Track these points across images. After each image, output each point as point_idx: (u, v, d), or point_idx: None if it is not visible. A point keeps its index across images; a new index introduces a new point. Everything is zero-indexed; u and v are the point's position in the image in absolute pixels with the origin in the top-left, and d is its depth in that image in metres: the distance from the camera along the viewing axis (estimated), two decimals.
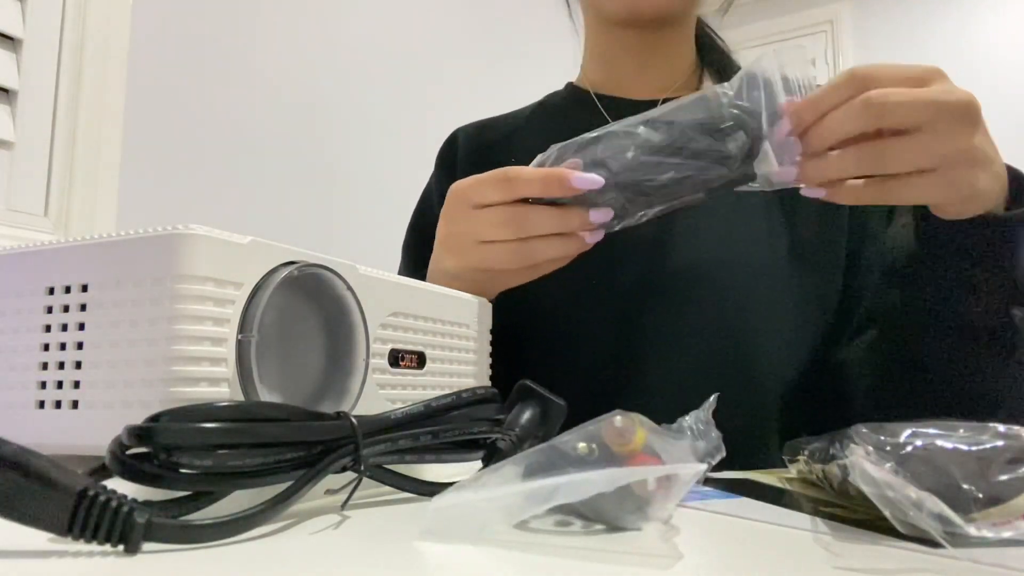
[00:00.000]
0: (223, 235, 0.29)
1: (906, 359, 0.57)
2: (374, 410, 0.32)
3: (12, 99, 1.02)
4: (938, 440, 0.28)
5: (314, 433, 0.28)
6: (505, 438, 0.35)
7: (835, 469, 0.32)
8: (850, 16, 3.30)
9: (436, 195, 0.78)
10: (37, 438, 0.29)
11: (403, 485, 0.33)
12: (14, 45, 1.03)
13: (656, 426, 0.31)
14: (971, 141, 0.42)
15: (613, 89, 0.76)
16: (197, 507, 0.25)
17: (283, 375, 0.31)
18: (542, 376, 0.40)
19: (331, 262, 0.34)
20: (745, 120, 0.44)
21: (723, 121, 0.44)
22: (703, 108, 0.45)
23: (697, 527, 0.31)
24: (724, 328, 0.63)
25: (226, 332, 0.29)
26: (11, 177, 1.01)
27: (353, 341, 0.34)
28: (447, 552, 0.25)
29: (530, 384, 0.38)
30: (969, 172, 0.43)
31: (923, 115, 0.41)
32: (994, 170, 0.45)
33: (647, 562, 0.24)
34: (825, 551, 0.27)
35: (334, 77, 1.57)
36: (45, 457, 0.22)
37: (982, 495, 0.27)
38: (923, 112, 0.41)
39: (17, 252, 0.32)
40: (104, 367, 0.29)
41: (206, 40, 1.32)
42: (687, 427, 0.38)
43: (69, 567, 0.21)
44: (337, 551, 0.25)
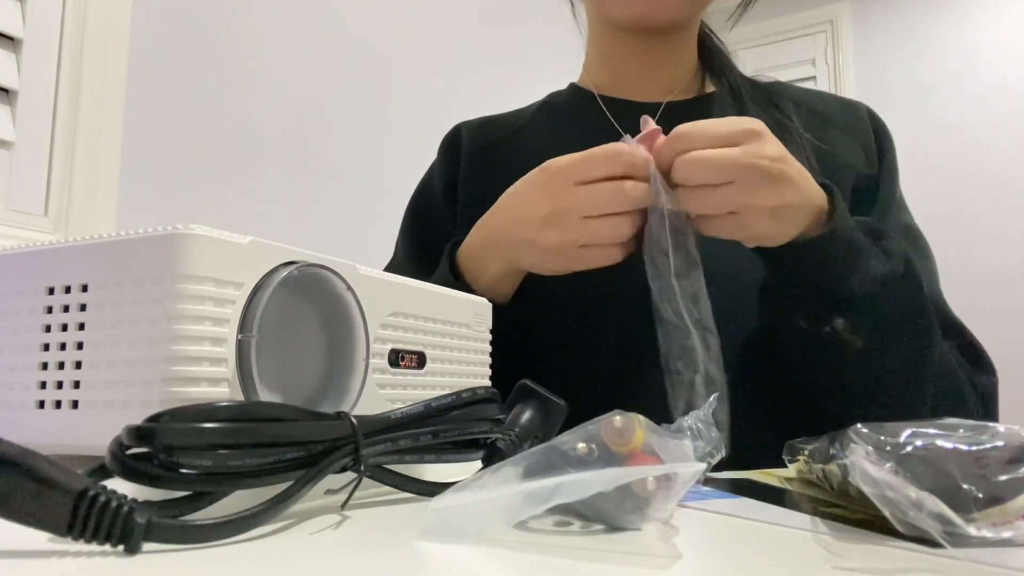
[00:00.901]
0: (223, 235, 0.29)
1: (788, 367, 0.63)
2: (374, 410, 0.32)
3: (12, 99, 1.02)
4: (938, 440, 0.28)
5: (314, 433, 0.28)
6: (505, 438, 0.35)
7: (835, 469, 0.32)
8: (850, 16, 3.30)
9: (439, 181, 0.78)
10: (37, 438, 0.29)
11: (403, 485, 0.33)
12: (14, 45, 1.03)
13: (655, 426, 0.31)
14: (769, 200, 0.50)
15: (616, 90, 0.76)
16: (197, 507, 0.25)
17: (283, 375, 0.31)
18: (541, 376, 0.40)
19: (331, 262, 0.34)
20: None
21: None
22: None
23: (697, 527, 0.31)
24: (726, 335, 0.63)
25: (226, 332, 0.29)
26: (11, 177, 1.01)
27: (353, 341, 0.34)
28: (447, 552, 0.25)
29: (530, 384, 0.38)
30: (764, 222, 0.51)
31: (726, 175, 0.49)
32: (797, 219, 0.52)
33: (647, 562, 0.24)
34: (825, 551, 0.27)
35: (335, 77, 1.57)
36: (45, 457, 0.22)
37: (982, 495, 0.27)
38: (725, 172, 0.49)
39: (17, 252, 0.32)
40: (104, 367, 0.29)
41: (206, 40, 1.32)
42: (687, 427, 0.38)
43: (69, 567, 0.21)
44: (337, 551, 0.25)
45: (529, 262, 0.56)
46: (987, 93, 2.98)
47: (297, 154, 1.47)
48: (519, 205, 0.56)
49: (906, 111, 2.98)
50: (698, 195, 0.51)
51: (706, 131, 0.50)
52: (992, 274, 2.77)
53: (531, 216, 0.54)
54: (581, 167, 0.52)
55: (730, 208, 0.51)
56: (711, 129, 0.50)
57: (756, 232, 0.52)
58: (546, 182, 0.54)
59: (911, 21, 3.17)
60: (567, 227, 0.53)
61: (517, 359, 0.59)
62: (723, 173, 0.49)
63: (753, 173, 0.49)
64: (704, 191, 0.50)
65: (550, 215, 0.53)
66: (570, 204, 0.52)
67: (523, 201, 0.56)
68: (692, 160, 0.49)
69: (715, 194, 0.50)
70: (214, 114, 1.32)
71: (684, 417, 0.39)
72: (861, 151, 0.70)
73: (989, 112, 2.96)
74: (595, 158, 0.52)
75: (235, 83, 1.36)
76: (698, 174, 0.50)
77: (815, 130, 0.70)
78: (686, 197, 0.51)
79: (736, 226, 0.51)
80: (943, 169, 2.93)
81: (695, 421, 0.39)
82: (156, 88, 1.22)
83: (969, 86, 3.02)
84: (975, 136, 2.96)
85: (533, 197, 0.55)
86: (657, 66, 0.75)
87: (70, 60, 1.08)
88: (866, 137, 0.71)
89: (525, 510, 0.26)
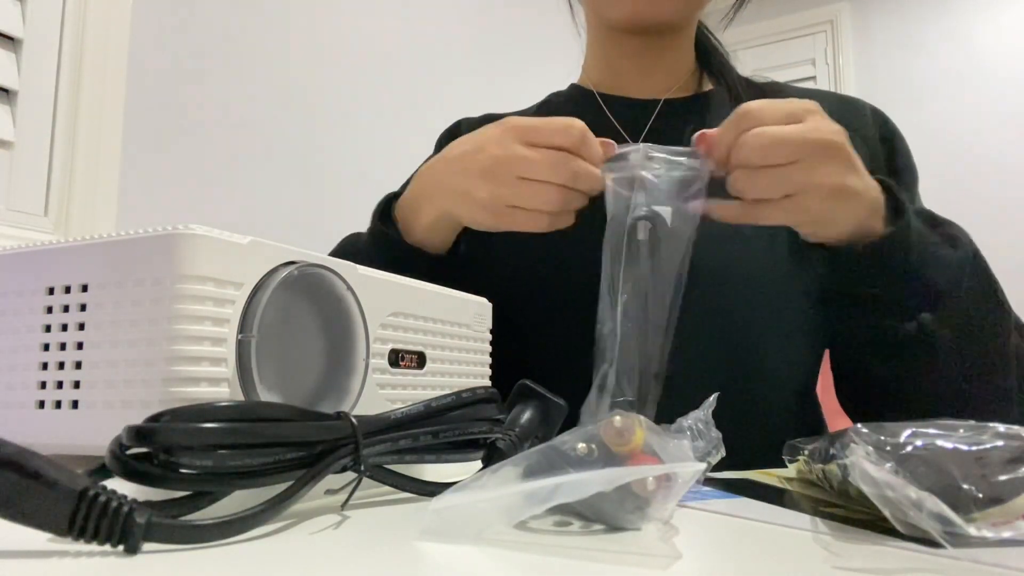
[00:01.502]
0: (223, 235, 0.29)
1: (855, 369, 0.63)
2: (374, 410, 0.32)
3: (12, 99, 1.02)
4: (938, 440, 0.28)
5: (314, 433, 0.28)
6: (505, 438, 0.35)
7: (835, 469, 0.32)
8: (850, 16, 3.30)
9: None
10: (37, 438, 0.29)
11: (403, 485, 0.33)
12: (14, 45, 1.03)
13: (655, 426, 0.31)
14: (831, 178, 0.49)
15: (615, 89, 0.76)
16: (197, 507, 0.25)
17: (283, 375, 0.31)
18: (544, 375, 0.40)
19: (331, 262, 0.34)
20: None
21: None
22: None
23: (697, 527, 0.31)
24: (726, 326, 0.63)
25: (226, 332, 0.29)
26: (11, 177, 1.01)
27: (353, 341, 0.34)
28: (447, 552, 0.25)
29: (530, 384, 0.38)
30: (822, 203, 0.50)
31: (791, 153, 0.48)
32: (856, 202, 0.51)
33: (647, 562, 0.24)
34: (825, 551, 0.27)
35: (336, 77, 1.57)
36: (45, 457, 0.22)
37: (982, 495, 0.27)
38: (791, 150, 0.48)
39: (17, 252, 0.32)
40: (104, 367, 0.29)
41: (206, 40, 1.32)
42: (686, 427, 0.38)
43: (69, 567, 0.21)
44: (337, 551, 0.25)
45: (460, 212, 0.56)
46: (987, 93, 2.98)
47: (297, 154, 1.47)
48: (465, 153, 0.56)
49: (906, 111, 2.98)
50: (760, 177, 0.49)
51: (774, 108, 0.49)
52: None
53: (471, 167, 0.54)
54: (534, 129, 0.52)
55: (791, 189, 0.49)
56: (778, 106, 0.50)
57: (815, 214, 0.50)
58: (498, 136, 0.54)
59: (911, 21, 3.17)
60: (501, 182, 0.52)
61: None
62: (793, 150, 0.48)
63: (819, 149, 0.48)
64: (767, 172, 0.49)
65: (489, 167, 0.53)
66: (511, 161, 0.52)
67: (470, 150, 0.55)
68: (763, 136, 0.48)
69: (778, 174, 0.49)
70: (214, 114, 1.32)
71: (684, 417, 0.39)
72: (863, 146, 0.70)
73: (989, 112, 2.96)
74: (550, 125, 0.52)
75: (235, 83, 1.36)
76: (769, 152, 0.48)
77: None
78: (746, 180, 0.49)
79: (793, 208, 0.50)
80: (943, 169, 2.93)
81: (695, 421, 0.39)
82: (156, 88, 1.22)
83: (969, 86, 3.02)
84: (975, 136, 2.96)
85: (482, 146, 0.54)
86: (654, 65, 0.75)
87: (70, 60, 1.08)
88: (868, 133, 0.71)
89: (525, 510, 0.26)
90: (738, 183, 0.50)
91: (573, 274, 0.67)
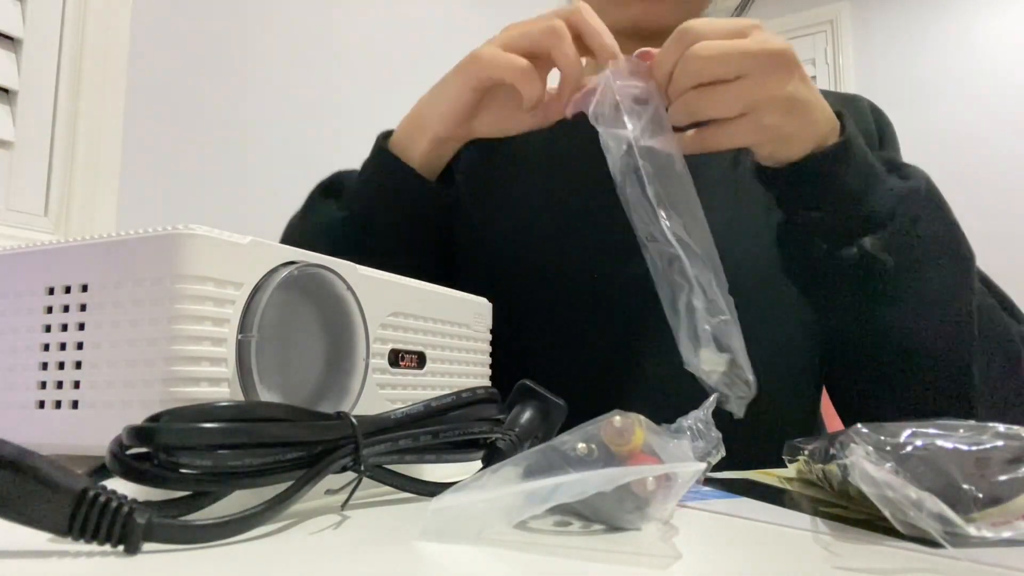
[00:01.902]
0: (223, 235, 0.29)
1: (824, 322, 0.61)
2: (374, 410, 0.32)
3: (12, 99, 1.02)
4: (938, 440, 0.28)
5: (314, 433, 0.28)
6: (505, 438, 0.35)
7: (835, 469, 0.32)
8: (850, 16, 3.30)
9: None
10: (37, 438, 0.29)
11: (403, 485, 0.33)
12: (14, 45, 1.03)
13: (655, 426, 0.31)
14: (784, 88, 0.47)
15: None
16: (197, 507, 0.25)
17: (283, 375, 0.31)
18: (540, 373, 0.40)
19: (331, 262, 0.34)
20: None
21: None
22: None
23: (697, 527, 0.31)
24: None
25: (226, 332, 0.29)
26: (11, 177, 1.01)
27: (353, 341, 0.34)
28: (447, 552, 0.25)
29: (530, 384, 0.38)
30: (779, 117, 0.48)
31: (738, 65, 0.46)
32: (812, 116, 0.50)
33: (647, 562, 0.24)
34: (825, 551, 0.27)
35: (336, 78, 1.57)
36: (45, 457, 0.22)
37: (982, 495, 0.27)
38: (738, 62, 0.46)
39: (17, 252, 0.32)
40: (104, 367, 0.29)
41: (206, 40, 1.32)
42: (686, 427, 0.38)
43: (69, 567, 0.21)
44: (337, 551, 0.25)
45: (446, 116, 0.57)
46: (987, 93, 2.98)
47: (297, 154, 1.47)
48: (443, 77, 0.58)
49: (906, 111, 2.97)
50: (709, 95, 0.47)
51: (717, 24, 0.48)
52: (992, 274, 2.76)
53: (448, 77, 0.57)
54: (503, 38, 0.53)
55: (745, 104, 0.47)
56: (720, 23, 0.48)
57: (774, 131, 0.49)
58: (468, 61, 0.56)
59: (911, 21, 3.17)
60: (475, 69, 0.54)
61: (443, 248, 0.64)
62: (742, 62, 0.46)
63: (770, 60, 0.47)
64: (715, 89, 0.47)
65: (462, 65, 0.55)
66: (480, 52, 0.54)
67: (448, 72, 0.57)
68: (704, 50, 0.46)
69: (727, 90, 0.47)
70: (214, 114, 1.32)
71: (684, 417, 0.39)
72: None
73: (989, 112, 2.96)
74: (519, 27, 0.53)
75: (235, 83, 1.36)
76: (711, 66, 0.46)
77: None
78: (696, 101, 0.48)
79: (751, 127, 0.48)
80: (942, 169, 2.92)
81: (695, 421, 0.39)
82: (156, 88, 1.22)
83: (969, 86, 3.02)
84: (975, 136, 2.96)
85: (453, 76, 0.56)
86: None
87: (70, 60, 1.08)
88: (867, 127, 0.71)
89: (525, 510, 0.26)
90: (689, 105, 0.48)
91: (566, 274, 0.67)
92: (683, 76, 0.47)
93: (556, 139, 0.73)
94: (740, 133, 0.49)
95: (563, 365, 0.65)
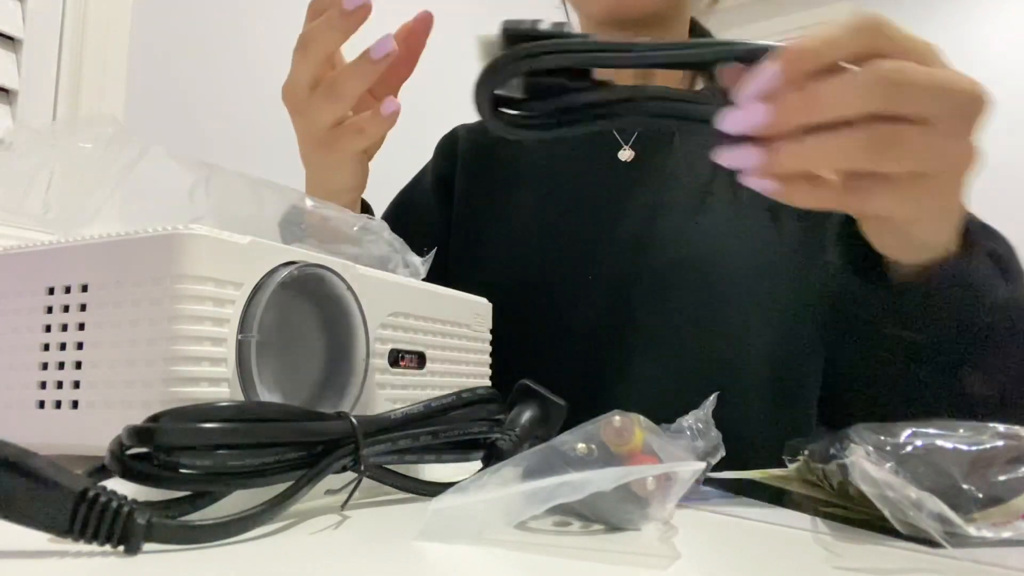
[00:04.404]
0: (223, 235, 0.29)
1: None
2: (374, 410, 0.32)
3: (12, 99, 1.02)
4: (938, 440, 0.28)
5: (314, 433, 0.28)
6: (505, 438, 0.35)
7: (835, 469, 0.32)
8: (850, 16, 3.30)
9: (431, 176, 0.79)
10: (37, 438, 0.29)
11: (403, 485, 0.33)
12: (14, 45, 1.03)
13: (655, 426, 0.31)
14: (970, 146, 0.34)
15: None
16: (197, 507, 0.25)
17: (283, 375, 0.31)
18: (535, 371, 0.40)
19: (331, 262, 0.34)
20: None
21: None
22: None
23: (697, 527, 0.31)
24: (712, 322, 0.63)
25: (226, 332, 0.29)
26: None
27: (353, 341, 0.34)
28: (447, 552, 0.25)
29: (530, 384, 0.38)
30: (951, 183, 0.36)
31: (936, 105, 0.32)
32: (961, 194, 0.38)
33: (646, 562, 0.25)
34: (825, 551, 0.27)
35: None
36: (45, 457, 0.22)
37: (982, 495, 0.27)
38: (937, 102, 0.32)
39: (17, 252, 0.32)
40: (104, 367, 0.29)
41: (206, 40, 1.32)
42: (686, 427, 0.38)
43: (69, 567, 0.21)
44: (337, 551, 0.25)
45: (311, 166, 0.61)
46: None
47: (297, 156, 1.46)
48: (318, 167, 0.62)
49: None
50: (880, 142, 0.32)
51: (902, 38, 0.33)
52: None
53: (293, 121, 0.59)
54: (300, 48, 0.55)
55: (925, 163, 0.33)
56: (904, 36, 0.33)
57: (935, 206, 0.36)
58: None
59: (911, 21, 3.15)
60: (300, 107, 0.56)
61: None
62: (941, 100, 0.32)
63: (967, 106, 0.32)
64: (905, 134, 0.32)
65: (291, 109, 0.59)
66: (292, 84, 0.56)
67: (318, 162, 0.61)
68: (905, 75, 0.31)
69: (921, 135, 0.32)
70: (214, 115, 1.32)
71: (684, 417, 0.39)
72: None
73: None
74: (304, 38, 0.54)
75: (235, 83, 1.36)
76: (913, 98, 0.31)
77: None
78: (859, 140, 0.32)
79: (915, 194, 0.34)
80: None
81: (695, 421, 0.39)
82: (156, 88, 1.22)
83: None
84: None
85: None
86: None
87: (70, 60, 1.08)
88: None
89: (525, 510, 0.26)
90: (841, 149, 0.32)
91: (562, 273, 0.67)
92: (863, 99, 0.31)
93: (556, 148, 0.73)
94: (912, 199, 0.35)
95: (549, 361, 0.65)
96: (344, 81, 0.54)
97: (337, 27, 0.53)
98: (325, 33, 0.53)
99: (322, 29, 0.53)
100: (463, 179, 0.77)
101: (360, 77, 0.54)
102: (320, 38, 0.53)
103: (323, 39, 0.53)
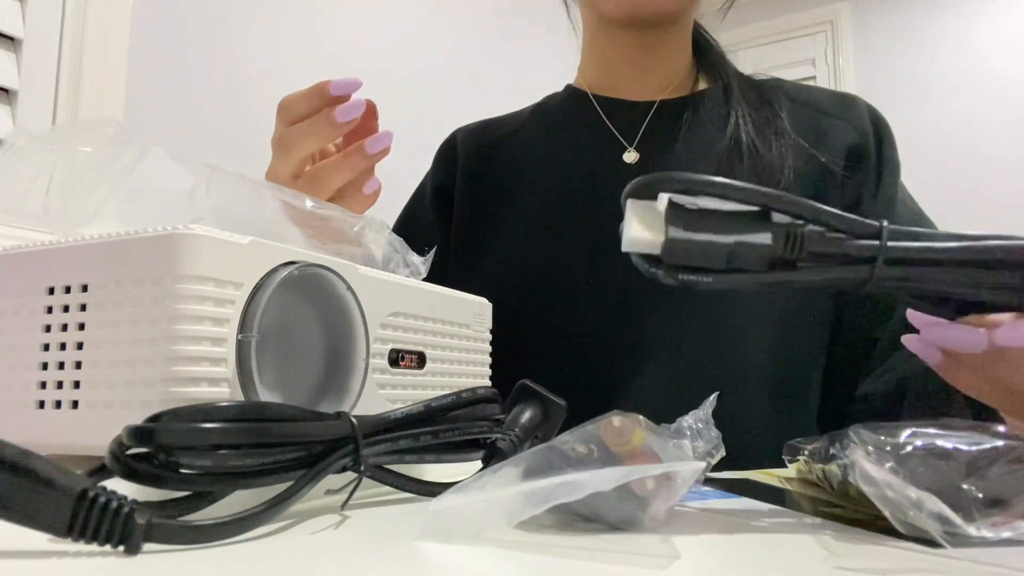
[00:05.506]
0: (223, 235, 0.29)
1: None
2: (374, 410, 0.32)
3: (12, 99, 1.02)
4: (938, 440, 0.28)
5: (314, 433, 0.28)
6: (505, 438, 0.35)
7: (835, 469, 0.32)
8: (850, 16, 3.30)
9: (429, 187, 0.79)
10: (37, 438, 0.29)
11: (403, 485, 0.33)
12: (14, 45, 1.03)
13: (655, 426, 0.31)
14: None
15: (610, 90, 0.76)
16: (197, 507, 0.25)
17: (283, 375, 0.31)
18: (537, 374, 0.40)
19: (331, 262, 0.34)
20: None
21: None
22: None
23: (697, 527, 0.31)
24: (714, 326, 0.63)
25: (226, 332, 0.29)
26: None
27: (353, 341, 0.34)
28: (447, 552, 0.25)
29: (530, 384, 0.38)
30: None
31: None
32: None
33: (647, 562, 0.24)
34: (825, 551, 0.27)
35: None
36: (45, 457, 0.22)
37: (982, 495, 0.27)
38: None
39: (17, 252, 0.32)
40: (104, 367, 0.29)
41: (206, 40, 1.32)
42: (686, 427, 0.38)
43: (69, 567, 0.21)
44: (337, 551, 0.25)
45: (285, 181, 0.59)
46: (987, 93, 2.98)
47: None
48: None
49: (906, 111, 2.98)
50: None
51: None
52: None
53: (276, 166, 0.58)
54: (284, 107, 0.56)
55: None
56: None
57: None
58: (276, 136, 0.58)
59: (911, 21, 3.17)
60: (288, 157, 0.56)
61: None
62: None
63: None
64: None
65: (275, 149, 0.58)
66: (280, 140, 0.57)
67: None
68: None
69: None
70: (214, 115, 1.32)
71: (684, 417, 0.39)
72: (856, 135, 0.70)
73: (989, 112, 2.96)
74: (292, 98, 0.55)
75: (235, 83, 1.36)
76: None
77: (807, 120, 0.70)
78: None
79: None
80: (942, 169, 2.93)
81: (695, 421, 0.39)
82: (156, 88, 1.22)
83: (969, 86, 3.02)
84: (975, 136, 2.96)
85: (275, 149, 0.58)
86: (650, 64, 0.74)
87: (70, 60, 1.08)
88: (862, 124, 0.71)
89: (525, 511, 0.26)
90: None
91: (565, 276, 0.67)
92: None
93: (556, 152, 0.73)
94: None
95: (557, 368, 0.65)
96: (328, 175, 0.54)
97: (323, 134, 0.54)
98: (309, 138, 0.54)
99: (306, 133, 0.54)
100: (463, 183, 0.77)
101: (347, 170, 0.55)
102: (304, 142, 0.54)
103: (307, 144, 0.54)
